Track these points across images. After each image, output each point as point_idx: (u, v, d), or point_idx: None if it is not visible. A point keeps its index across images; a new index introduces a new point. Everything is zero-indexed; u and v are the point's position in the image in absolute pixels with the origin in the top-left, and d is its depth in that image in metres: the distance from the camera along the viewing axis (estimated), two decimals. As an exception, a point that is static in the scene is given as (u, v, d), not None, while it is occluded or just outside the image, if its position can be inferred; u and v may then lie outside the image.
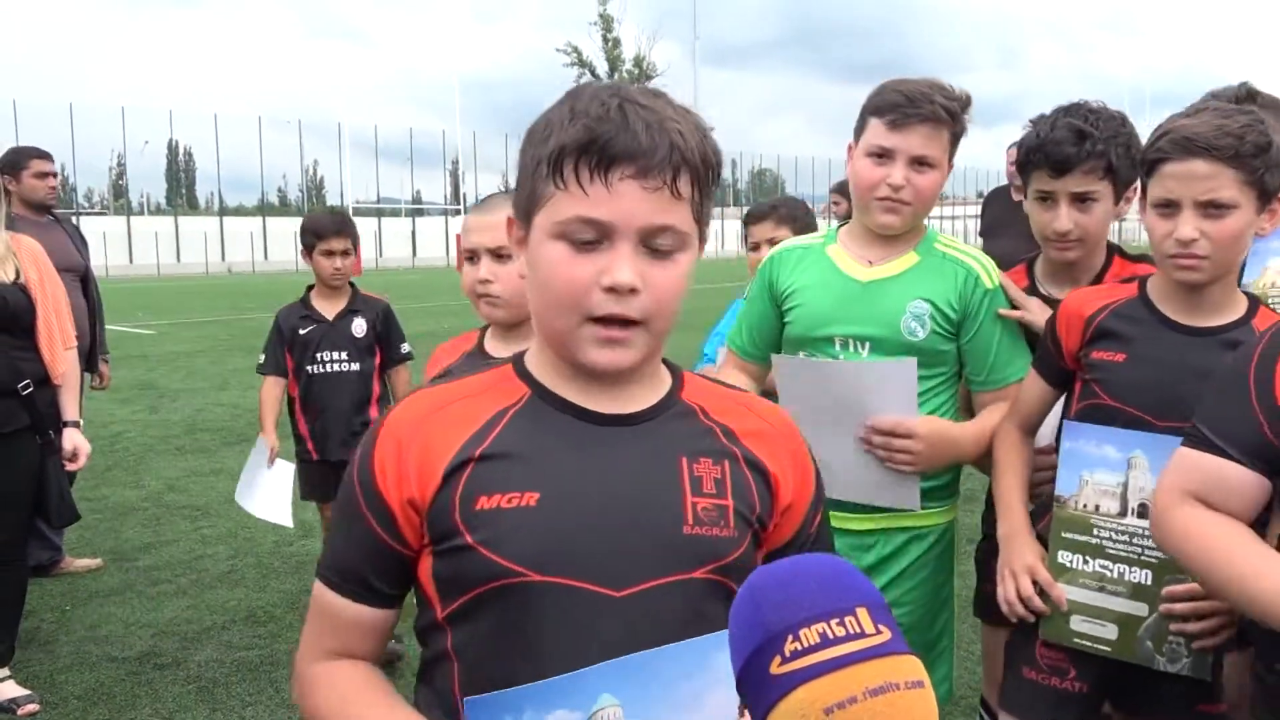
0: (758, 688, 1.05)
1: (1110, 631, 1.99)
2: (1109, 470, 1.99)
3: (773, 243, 3.11)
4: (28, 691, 4.09)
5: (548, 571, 1.22)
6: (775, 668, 1.03)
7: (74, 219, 6.13)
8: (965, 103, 2.35)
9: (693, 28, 65.30)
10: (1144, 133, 2.17)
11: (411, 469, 1.26)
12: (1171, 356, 2.01)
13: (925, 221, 2.53)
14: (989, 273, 2.42)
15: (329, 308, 4.57)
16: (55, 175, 5.68)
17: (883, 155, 2.32)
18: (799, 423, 1.46)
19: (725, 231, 62.00)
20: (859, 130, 2.40)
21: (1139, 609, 1.96)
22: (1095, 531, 2.01)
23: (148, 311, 23.61)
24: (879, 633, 1.05)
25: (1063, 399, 2.23)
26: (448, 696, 1.28)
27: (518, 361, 1.37)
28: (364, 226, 51.88)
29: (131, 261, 54.91)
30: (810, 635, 1.04)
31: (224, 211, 67.35)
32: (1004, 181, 7.36)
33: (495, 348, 2.41)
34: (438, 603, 1.29)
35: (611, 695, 1.09)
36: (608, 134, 1.19)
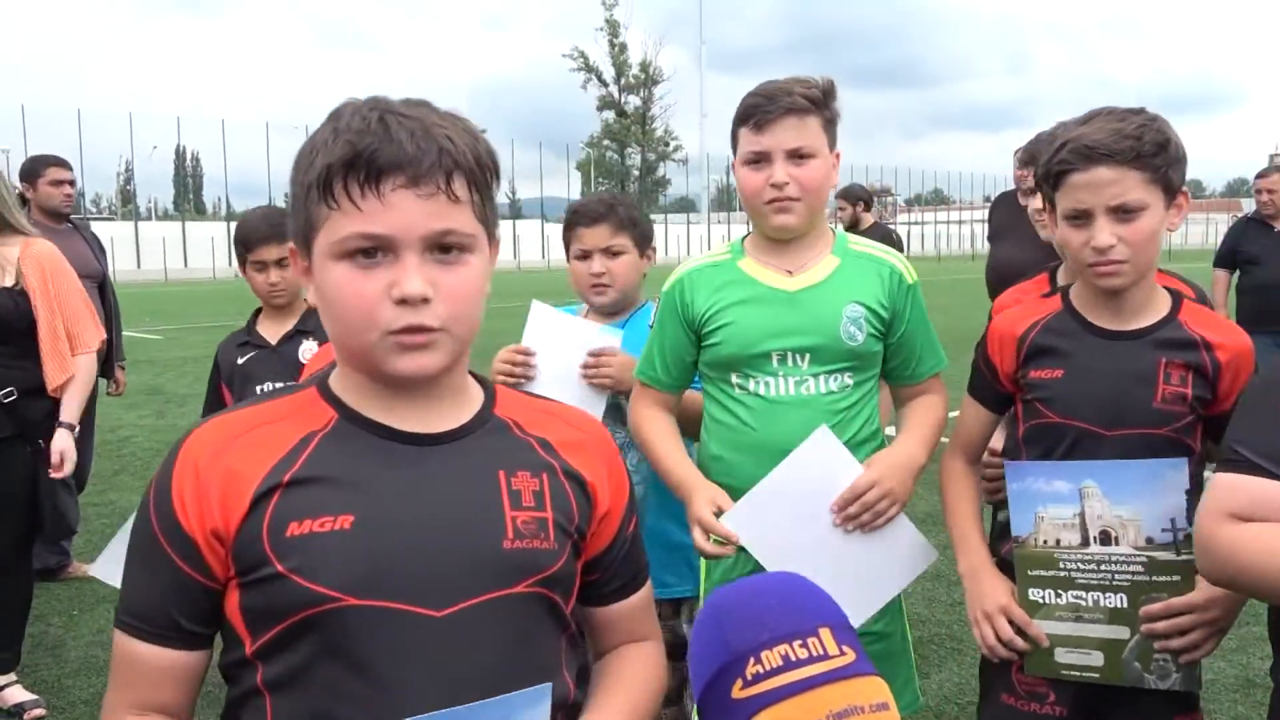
0: (719, 712, 1.03)
1: (1096, 659, 1.98)
2: (1062, 504, 1.98)
3: (609, 252, 2.81)
4: (34, 696, 4.09)
5: (365, 595, 1.20)
6: (737, 691, 1.02)
7: (83, 224, 6.07)
8: (828, 89, 2.31)
9: (699, 33, 65.27)
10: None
11: (214, 498, 1.21)
12: (1108, 364, 2.02)
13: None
14: (907, 268, 2.42)
15: (273, 330, 3.64)
16: (72, 184, 5.70)
17: (759, 160, 2.29)
18: (792, 558, 1.45)
19: (732, 236, 61.72)
20: (734, 144, 2.36)
21: (1120, 632, 1.95)
22: (1061, 565, 1.99)
23: (155, 316, 23.63)
24: (842, 654, 1.03)
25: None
26: None
27: (321, 385, 1.33)
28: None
29: (139, 266, 54.95)
30: (772, 658, 1.02)
31: (231, 217, 67.32)
32: (1010, 186, 7.35)
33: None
34: (247, 637, 1.24)
35: None
36: (371, 146, 1.18)
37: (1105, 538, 1.95)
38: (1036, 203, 2.91)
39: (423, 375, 1.24)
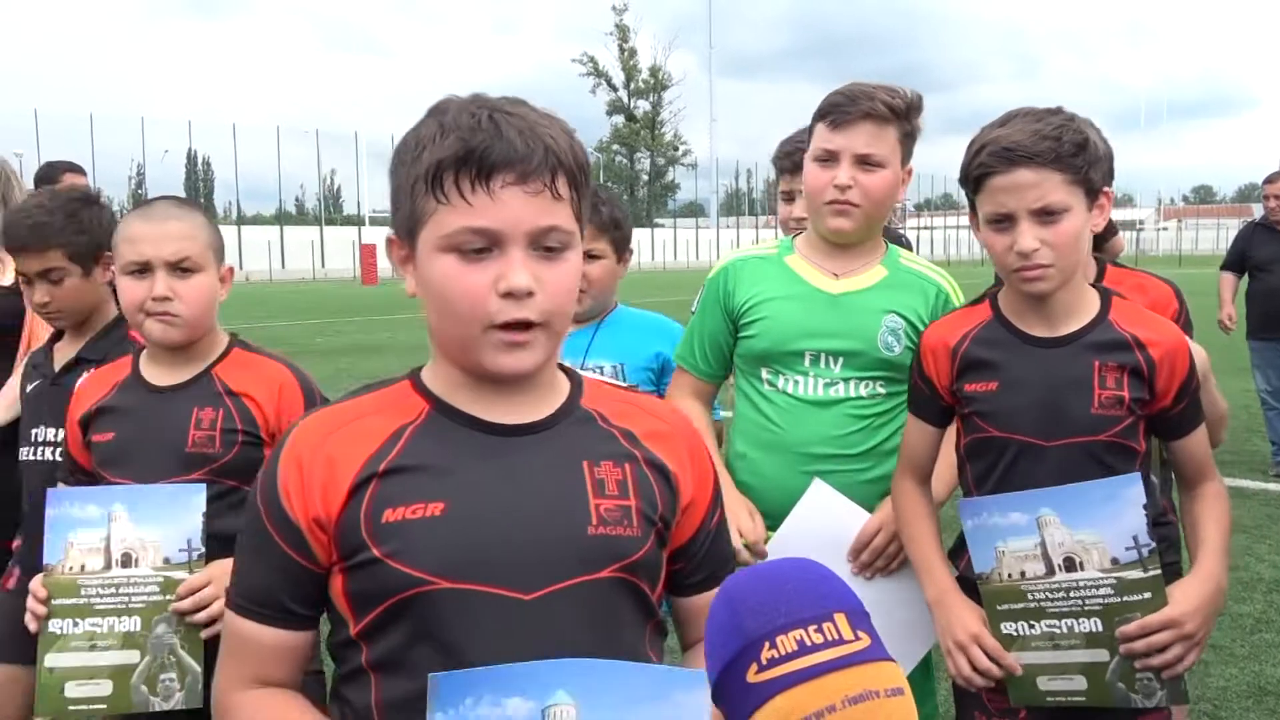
0: (735, 696, 1.04)
1: (1079, 683, 1.93)
2: (1021, 536, 1.92)
3: (591, 255, 2.58)
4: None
5: (457, 578, 1.24)
6: (752, 675, 1.02)
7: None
8: (914, 102, 2.28)
9: (708, 38, 65.37)
10: (1162, 140, 2.15)
11: (316, 488, 1.28)
12: (1041, 373, 1.98)
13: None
14: (956, 290, 2.40)
15: (62, 353, 2.62)
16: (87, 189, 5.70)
17: (828, 158, 2.27)
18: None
19: (741, 241, 61.87)
20: (810, 138, 2.34)
21: (1100, 655, 1.91)
22: (1030, 596, 1.93)
23: (166, 320, 23.71)
24: (857, 639, 1.03)
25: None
26: (367, 712, 1.28)
27: (415, 378, 1.38)
28: (382, 234, 51.97)
29: None
30: (788, 642, 1.03)
31: (241, 220, 67.59)
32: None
33: (155, 374, 2.18)
34: (352, 618, 1.30)
35: (568, 694, 1.09)
36: (484, 144, 1.22)
37: (1070, 564, 1.90)
38: None
39: (521, 373, 1.29)
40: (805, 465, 2.28)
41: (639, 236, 3.16)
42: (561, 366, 1.42)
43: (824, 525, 2.23)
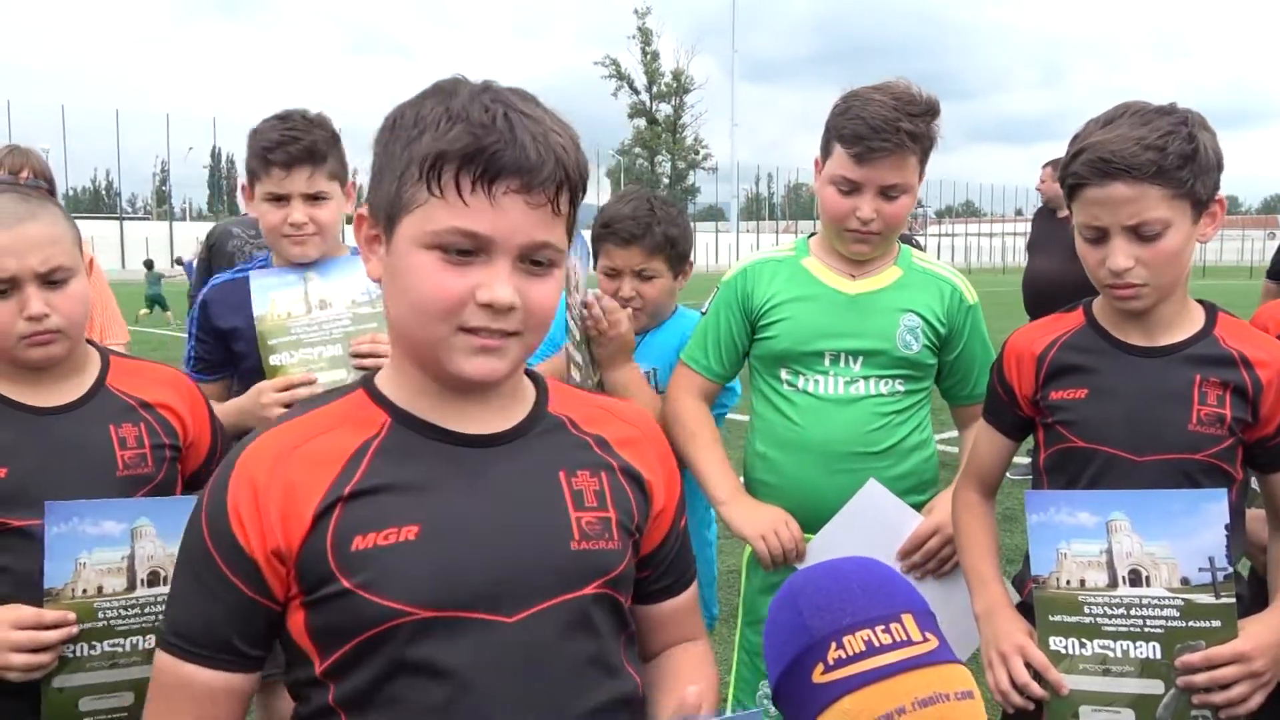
0: (800, 696, 1.02)
1: (1126, 717, 1.76)
2: (1087, 539, 1.77)
3: (641, 275, 2.56)
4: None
5: (437, 606, 1.17)
6: (818, 676, 1.01)
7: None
8: (932, 113, 2.23)
9: (731, 42, 65.29)
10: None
11: (274, 517, 1.17)
12: (1136, 383, 1.84)
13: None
14: (968, 288, 2.43)
15: None
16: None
17: (850, 189, 2.24)
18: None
19: (761, 245, 61.63)
20: (825, 149, 2.31)
21: (1153, 686, 1.74)
22: (1086, 609, 1.77)
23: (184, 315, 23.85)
24: (925, 640, 1.02)
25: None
26: None
27: (369, 385, 1.28)
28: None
29: (172, 266, 55.58)
30: (855, 642, 1.01)
31: (264, 218, 67.75)
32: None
33: (26, 394, 1.81)
34: (316, 656, 1.20)
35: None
36: (495, 145, 1.13)
37: (1135, 578, 1.75)
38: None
39: (490, 380, 1.21)
40: (827, 464, 2.29)
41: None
42: (525, 369, 1.35)
43: (874, 524, 2.24)
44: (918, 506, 2.33)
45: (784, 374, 2.35)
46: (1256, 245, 79.49)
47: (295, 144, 2.38)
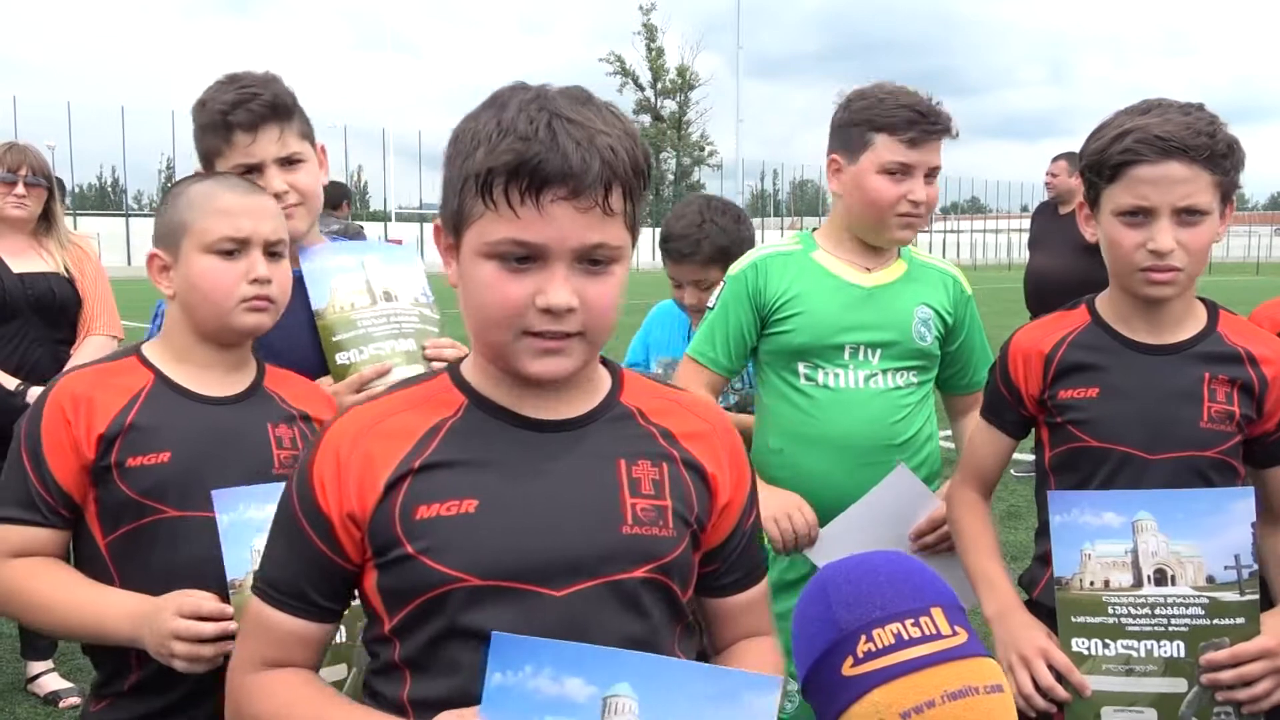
0: (829, 689, 1.03)
1: (1149, 716, 1.77)
2: (1112, 539, 1.77)
3: (699, 285, 2.85)
4: (70, 684, 4.13)
5: (488, 575, 1.25)
6: (848, 669, 1.01)
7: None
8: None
9: (736, 39, 65.18)
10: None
11: (351, 483, 1.28)
12: (1148, 381, 1.86)
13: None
14: (964, 280, 2.52)
15: None
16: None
17: (902, 172, 2.29)
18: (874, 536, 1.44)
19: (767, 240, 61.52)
20: (857, 143, 2.31)
21: (1176, 685, 1.76)
22: (1110, 610, 1.77)
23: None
24: (955, 634, 1.03)
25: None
26: (397, 706, 1.30)
27: (454, 371, 1.38)
28: (407, 231, 52.11)
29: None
30: (885, 635, 1.02)
31: (269, 215, 67.80)
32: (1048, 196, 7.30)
33: (195, 381, 1.83)
34: (385, 615, 1.31)
35: (630, 686, 1.08)
36: (538, 156, 1.19)
37: (1161, 577, 1.75)
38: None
39: (557, 378, 1.28)
40: (848, 457, 2.31)
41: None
42: (602, 359, 1.40)
43: (896, 507, 2.29)
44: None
45: (802, 367, 2.36)
46: (1263, 241, 79.33)
47: (256, 99, 2.10)
